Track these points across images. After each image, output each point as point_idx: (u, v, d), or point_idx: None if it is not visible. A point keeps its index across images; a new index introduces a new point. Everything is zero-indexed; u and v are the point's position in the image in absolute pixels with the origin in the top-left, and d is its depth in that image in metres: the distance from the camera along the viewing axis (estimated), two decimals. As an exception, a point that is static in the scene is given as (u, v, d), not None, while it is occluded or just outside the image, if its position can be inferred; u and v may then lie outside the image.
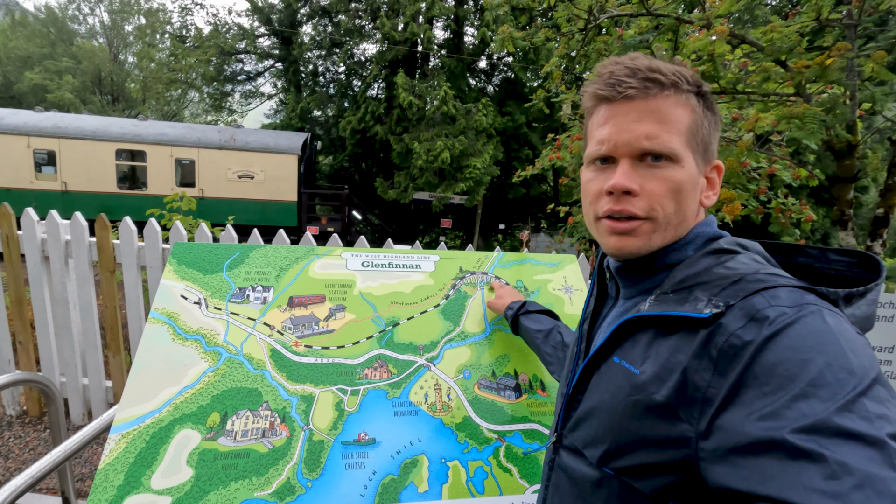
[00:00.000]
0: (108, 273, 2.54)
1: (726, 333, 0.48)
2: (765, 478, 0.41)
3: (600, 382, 0.62)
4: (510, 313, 1.29)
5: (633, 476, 0.55)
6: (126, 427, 1.06)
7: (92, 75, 20.90)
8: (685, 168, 0.60)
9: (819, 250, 0.60)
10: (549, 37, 3.22)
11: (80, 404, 2.70)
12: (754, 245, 0.62)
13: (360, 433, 1.13)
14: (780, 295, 0.48)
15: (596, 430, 0.60)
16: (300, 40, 16.38)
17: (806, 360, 0.42)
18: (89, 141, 10.21)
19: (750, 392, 0.44)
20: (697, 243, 0.63)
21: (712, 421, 0.46)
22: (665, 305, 0.56)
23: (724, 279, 0.54)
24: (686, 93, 0.60)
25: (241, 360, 1.19)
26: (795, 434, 0.40)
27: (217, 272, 1.34)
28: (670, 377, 0.51)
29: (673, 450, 0.50)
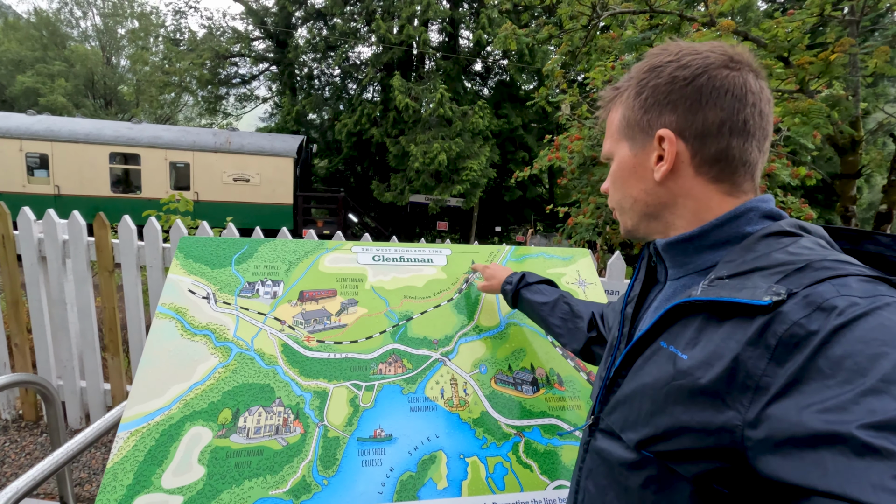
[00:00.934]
0: (106, 273, 2.49)
1: (788, 322, 0.45)
2: (825, 472, 0.38)
3: (644, 366, 0.60)
4: (509, 288, 1.24)
5: (673, 460, 0.53)
6: (135, 424, 1.02)
7: (85, 79, 20.77)
8: (617, 160, 0.70)
9: (891, 238, 0.57)
10: (552, 33, 3.21)
11: (78, 407, 2.65)
12: (818, 229, 0.58)
13: (375, 429, 1.10)
14: (850, 284, 0.45)
15: (637, 413, 0.58)
16: (295, 43, 16.36)
17: (878, 355, 0.39)
18: (82, 144, 10.12)
19: (812, 384, 0.42)
20: (752, 218, 0.60)
21: (764, 409, 0.44)
22: (720, 290, 0.53)
23: (786, 265, 0.50)
24: (621, 93, 0.68)
25: (253, 356, 1.16)
26: (864, 430, 0.37)
27: (225, 266, 1.31)
28: (718, 362, 0.49)
29: (716, 437, 0.48)
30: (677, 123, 0.61)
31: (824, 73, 2.46)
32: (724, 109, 0.59)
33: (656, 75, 0.63)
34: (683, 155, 0.61)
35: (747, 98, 0.59)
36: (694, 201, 0.63)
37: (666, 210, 0.65)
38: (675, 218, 0.65)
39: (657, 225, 0.67)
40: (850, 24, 2.74)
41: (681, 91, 0.60)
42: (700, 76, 0.59)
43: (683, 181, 0.62)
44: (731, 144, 0.60)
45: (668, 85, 0.61)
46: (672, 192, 0.64)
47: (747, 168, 0.61)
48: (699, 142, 0.60)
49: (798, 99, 2.56)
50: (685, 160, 0.61)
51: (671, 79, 0.61)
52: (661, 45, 0.67)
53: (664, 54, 0.63)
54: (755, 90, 0.60)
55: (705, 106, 0.59)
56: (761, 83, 0.61)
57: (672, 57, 0.62)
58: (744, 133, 0.59)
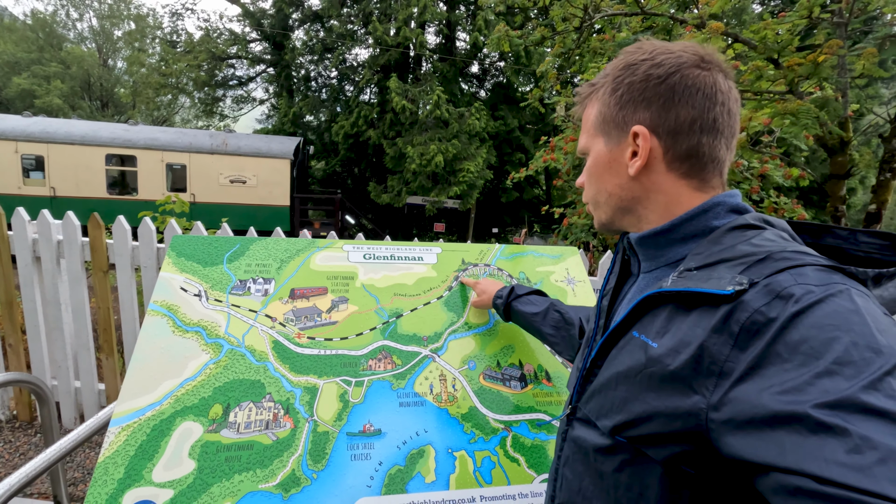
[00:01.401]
0: (101, 273, 2.50)
1: (749, 310, 0.47)
2: (783, 450, 0.40)
3: (618, 356, 0.62)
4: (500, 302, 1.27)
5: (644, 444, 0.56)
6: (126, 420, 1.03)
7: (81, 80, 20.74)
8: (592, 155, 0.71)
9: (849, 231, 0.59)
10: (544, 35, 3.23)
11: (72, 408, 2.65)
12: (781, 223, 0.61)
13: (365, 424, 1.11)
14: (806, 273, 0.47)
15: (612, 401, 0.61)
16: (292, 45, 16.38)
17: (832, 339, 0.42)
18: (78, 146, 10.11)
19: (771, 367, 0.44)
20: (719, 212, 0.62)
21: (727, 393, 0.46)
22: (688, 281, 0.55)
23: (749, 256, 0.53)
24: (597, 90, 0.70)
25: (243, 352, 1.17)
26: (818, 409, 0.39)
27: (217, 264, 1.33)
28: (685, 349, 0.51)
29: (682, 420, 0.50)
30: (651, 120, 0.63)
31: (813, 75, 2.49)
32: (695, 108, 0.61)
33: (631, 73, 0.64)
34: (656, 151, 0.63)
35: (717, 97, 0.61)
36: (665, 196, 0.65)
37: (639, 204, 0.67)
38: (648, 212, 0.67)
39: (630, 218, 0.69)
40: (838, 27, 2.78)
41: (655, 89, 0.62)
42: (673, 75, 0.61)
43: (656, 176, 0.65)
44: (701, 142, 0.62)
45: (642, 82, 0.63)
46: (645, 187, 0.66)
47: (716, 164, 0.64)
48: (671, 138, 0.62)
49: (788, 100, 2.59)
50: (658, 156, 0.63)
51: (645, 76, 0.63)
52: (636, 43, 0.68)
53: (638, 52, 0.65)
54: (724, 90, 0.62)
55: (678, 104, 0.61)
56: (730, 83, 0.63)
57: (646, 55, 0.64)
58: (713, 131, 0.62)
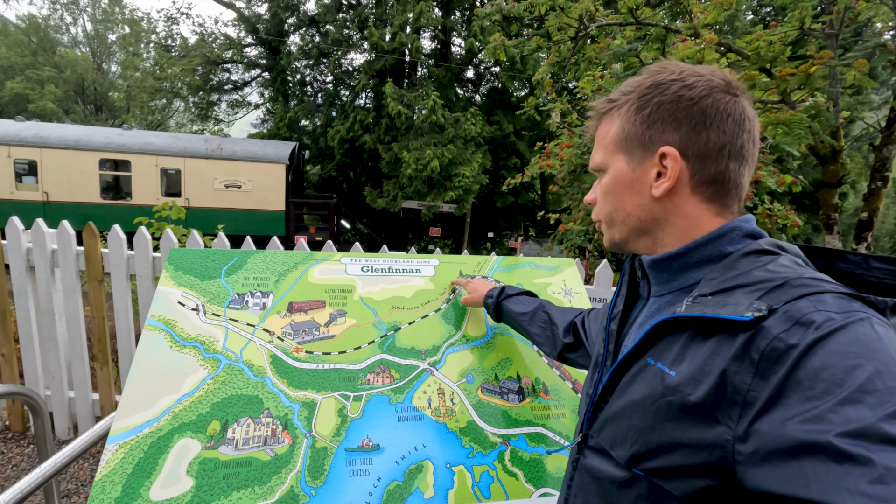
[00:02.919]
0: (95, 282, 2.48)
1: (769, 337, 0.47)
2: (807, 481, 0.40)
3: (632, 383, 0.61)
4: (490, 301, 1.29)
5: (663, 477, 0.54)
6: (123, 437, 1.03)
7: (75, 85, 20.64)
8: (610, 172, 0.69)
9: (861, 257, 0.60)
10: (540, 45, 3.26)
11: (66, 418, 2.63)
12: (794, 248, 0.61)
13: (363, 439, 1.11)
14: (826, 300, 0.47)
15: (626, 430, 0.59)
16: (287, 50, 16.38)
17: (854, 367, 0.42)
18: (72, 151, 10.06)
19: (793, 396, 0.44)
20: (734, 238, 0.62)
21: (752, 424, 0.46)
22: (704, 307, 0.54)
23: (766, 282, 0.52)
24: (618, 107, 0.68)
25: (241, 367, 1.17)
26: (841, 438, 0.39)
27: (215, 278, 1.32)
28: (706, 379, 0.50)
29: (707, 452, 0.49)
30: (680, 142, 0.62)
31: (805, 85, 2.52)
32: (725, 133, 0.61)
33: (660, 92, 0.63)
34: (683, 173, 0.62)
35: (745, 124, 0.61)
36: (685, 220, 0.64)
37: (657, 226, 0.66)
38: (665, 234, 0.66)
39: (646, 241, 0.68)
40: (829, 37, 2.81)
41: (686, 111, 0.61)
42: (705, 98, 0.61)
43: (679, 199, 0.64)
44: (728, 167, 0.62)
45: (673, 103, 0.62)
46: (666, 209, 0.65)
47: (738, 190, 0.64)
48: (700, 162, 0.62)
49: (781, 109, 2.62)
50: (684, 179, 0.63)
51: (676, 97, 0.62)
52: (659, 63, 0.67)
53: (666, 72, 0.64)
54: (751, 117, 0.62)
55: (709, 128, 0.61)
56: (753, 111, 0.64)
57: (675, 76, 0.63)
58: (740, 157, 0.62)
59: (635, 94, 0.65)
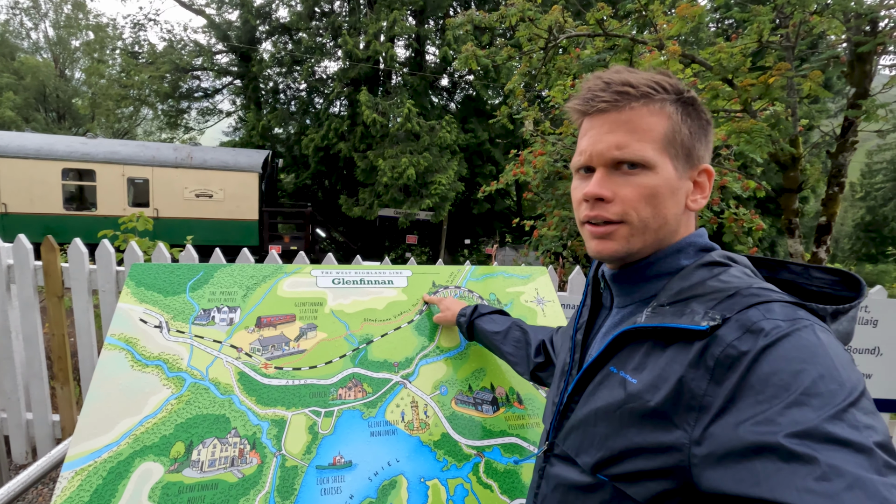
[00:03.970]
0: (55, 299, 2.38)
1: (723, 344, 0.49)
2: (757, 480, 0.42)
3: (596, 391, 0.63)
4: (463, 320, 1.27)
5: (626, 482, 0.56)
6: (80, 463, 0.98)
7: (36, 92, 19.91)
8: (660, 174, 0.62)
9: (803, 267, 0.63)
10: (511, 55, 3.30)
11: (24, 441, 2.50)
12: (743, 259, 0.64)
13: (335, 456, 1.09)
14: (774, 309, 0.50)
15: (592, 437, 0.61)
16: (259, 57, 16.17)
17: (799, 371, 0.44)
18: (32, 160, 9.67)
19: (746, 400, 0.46)
20: (689, 252, 0.64)
21: (707, 427, 0.48)
22: (662, 317, 0.57)
23: (719, 292, 0.55)
24: (661, 101, 0.62)
25: (207, 386, 1.13)
26: (789, 438, 0.41)
27: (179, 293, 1.28)
28: (664, 385, 0.52)
29: (666, 456, 0.51)
30: (707, 158, 0.67)
31: (765, 95, 2.62)
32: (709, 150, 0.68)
33: (697, 108, 0.65)
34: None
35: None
36: (687, 231, 0.67)
37: (669, 237, 0.65)
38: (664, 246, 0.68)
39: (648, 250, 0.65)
40: (786, 49, 2.93)
41: (707, 128, 0.66)
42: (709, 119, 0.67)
43: (691, 215, 0.67)
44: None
45: (708, 123, 0.67)
46: (684, 223, 0.67)
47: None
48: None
49: (743, 119, 2.71)
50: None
51: (707, 120, 0.67)
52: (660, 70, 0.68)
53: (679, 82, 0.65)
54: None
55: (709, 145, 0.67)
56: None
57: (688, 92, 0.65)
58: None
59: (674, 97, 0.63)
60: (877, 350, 2.32)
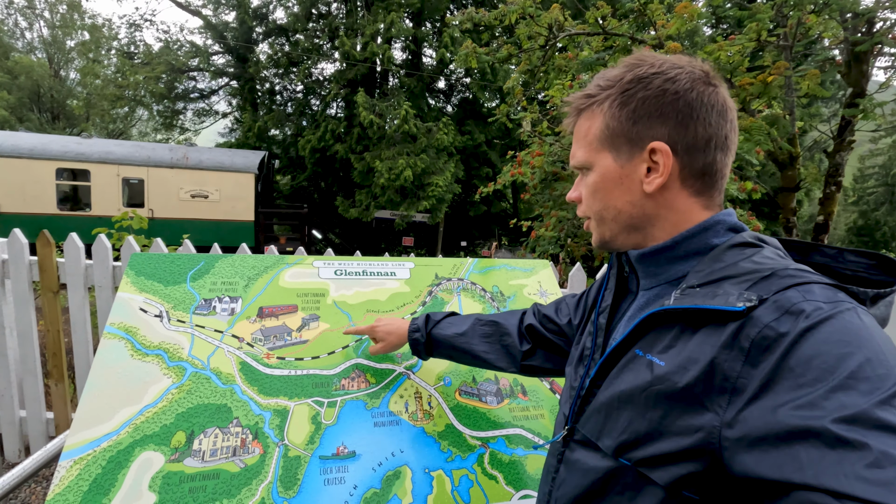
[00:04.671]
0: (50, 294, 2.35)
1: (759, 325, 0.48)
2: (800, 465, 0.40)
3: (620, 375, 0.61)
4: (419, 335, 1.10)
5: (650, 466, 0.54)
6: (79, 452, 0.96)
7: (30, 91, 19.78)
8: (597, 170, 0.67)
9: (837, 250, 0.61)
10: (511, 52, 3.31)
11: (17, 439, 2.46)
12: (773, 241, 0.62)
13: (338, 446, 1.08)
14: (814, 291, 0.48)
15: (614, 421, 0.60)
16: (256, 58, 16.15)
17: (845, 355, 0.42)
18: (26, 159, 9.59)
19: (784, 383, 0.44)
20: (719, 231, 0.62)
21: (741, 410, 0.46)
22: (693, 299, 0.55)
23: (754, 273, 0.53)
24: (597, 103, 0.66)
25: (209, 375, 1.12)
26: (836, 424, 0.40)
27: (180, 283, 1.26)
28: (694, 366, 0.51)
29: (693, 438, 0.50)
30: (669, 136, 0.61)
31: (763, 94, 2.63)
32: (711, 125, 0.61)
33: (643, 86, 0.62)
34: (673, 168, 0.62)
35: (727, 114, 0.62)
36: (676, 214, 0.64)
37: (648, 222, 0.65)
38: (656, 230, 0.65)
39: (637, 236, 0.67)
40: (783, 49, 2.95)
41: (672, 104, 0.61)
42: (689, 91, 0.61)
43: (669, 194, 0.63)
44: (716, 159, 0.62)
45: (658, 98, 0.61)
46: (658, 204, 0.64)
47: (723, 181, 0.65)
48: (688, 156, 0.62)
49: (741, 118, 2.72)
50: (674, 173, 0.62)
51: (661, 91, 0.61)
52: (638, 55, 0.67)
53: (646, 65, 0.63)
54: (731, 106, 0.63)
55: (696, 121, 0.60)
56: (731, 99, 0.64)
57: (656, 69, 0.62)
58: (725, 148, 0.63)
59: (616, 90, 0.64)
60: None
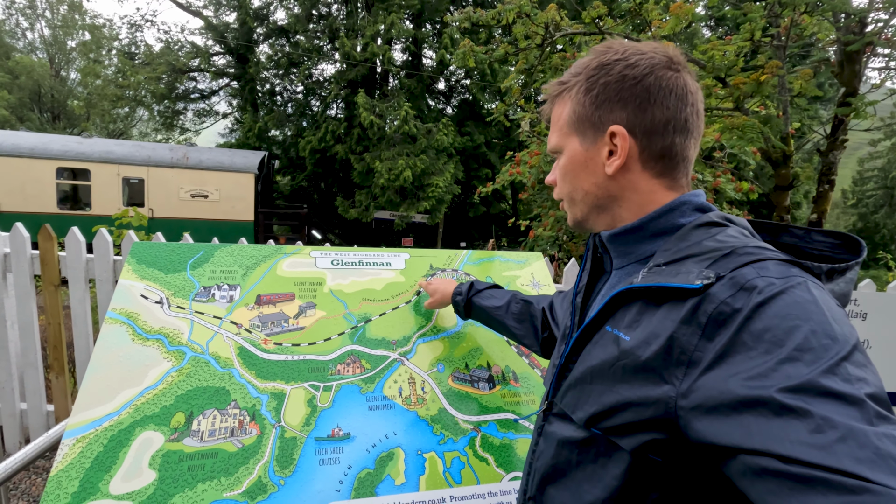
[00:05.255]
0: (52, 288, 2.38)
1: (716, 301, 0.50)
2: (750, 432, 0.43)
3: (592, 350, 0.65)
4: (460, 298, 1.24)
5: (617, 434, 0.58)
6: (81, 431, 0.99)
7: (30, 91, 19.85)
8: (566, 154, 0.72)
9: (804, 230, 0.64)
10: (508, 52, 3.34)
11: (17, 432, 2.49)
12: (742, 221, 0.64)
13: (333, 428, 1.10)
14: (768, 267, 0.51)
15: (587, 394, 0.63)
16: (256, 59, 16.20)
17: (793, 328, 0.45)
18: (26, 159, 9.62)
19: (737, 356, 0.47)
20: (685, 211, 0.65)
21: (695, 381, 0.49)
22: (657, 276, 0.58)
23: (715, 251, 0.56)
24: (567, 90, 0.70)
25: (207, 359, 1.15)
26: (782, 393, 0.42)
27: (180, 271, 1.30)
28: (656, 341, 0.54)
29: (654, 408, 0.53)
30: (628, 120, 0.64)
31: (756, 93, 2.66)
32: (669, 109, 0.63)
33: (606, 73, 0.65)
34: (633, 150, 0.65)
35: (688, 98, 0.64)
36: (639, 195, 0.67)
37: (614, 203, 0.68)
38: (622, 210, 0.68)
39: (605, 217, 0.71)
40: (778, 49, 2.99)
41: (631, 89, 0.63)
42: (648, 76, 0.63)
43: (631, 175, 0.66)
44: (674, 141, 0.64)
45: (618, 83, 0.64)
46: (621, 186, 0.67)
47: (686, 164, 0.67)
48: (647, 138, 0.64)
49: (735, 116, 2.76)
50: (634, 155, 0.65)
51: (621, 77, 0.64)
52: (606, 43, 0.69)
53: (610, 52, 0.66)
54: (693, 90, 0.65)
55: (653, 105, 0.63)
56: (696, 83, 0.66)
57: (619, 55, 0.65)
58: (685, 131, 0.65)
59: (583, 76, 0.67)
60: (866, 343, 2.35)
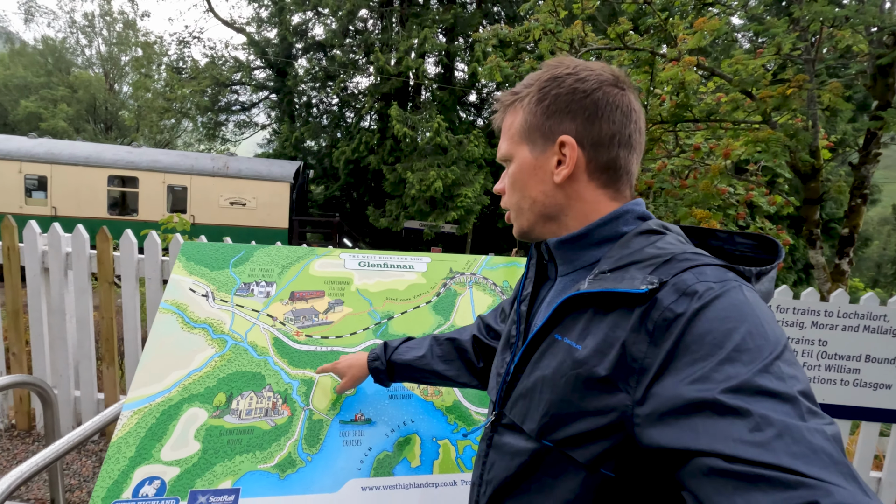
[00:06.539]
0: (106, 284, 2.60)
1: (661, 307, 0.52)
2: (697, 434, 0.45)
3: (542, 359, 0.65)
4: (379, 363, 1.11)
5: (570, 446, 0.58)
6: (137, 405, 1.13)
7: (87, 104, 21.19)
8: (515, 162, 0.73)
9: (727, 234, 0.69)
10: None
11: (70, 417, 2.70)
12: (675, 228, 0.68)
13: (356, 413, 1.21)
14: (706, 272, 0.53)
15: (537, 404, 0.63)
16: (295, 73, 16.84)
17: (730, 330, 0.47)
18: (82, 167, 10.29)
19: (682, 359, 0.49)
20: (628, 219, 0.68)
21: (648, 388, 0.51)
22: (604, 283, 0.59)
23: (656, 258, 0.58)
24: (520, 100, 0.71)
25: (246, 347, 1.27)
26: (724, 394, 0.44)
27: (223, 268, 1.44)
28: (610, 351, 0.55)
29: (609, 417, 0.54)
30: (577, 131, 0.66)
31: (783, 106, 2.67)
32: (615, 123, 0.66)
33: (558, 85, 0.67)
34: (580, 161, 0.67)
35: (632, 115, 0.67)
36: (585, 204, 0.69)
37: (561, 212, 0.70)
38: (569, 219, 0.70)
39: (552, 226, 0.72)
40: (807, 63, 2.98)
41: (580, 102, 0.66)
42: (596, 90, 0.66)
43: (578, 185, 0.68)
44: (619, 155, 0.67)
45: (568, 95, 0.66)
46: (567, 195, 0.69)
47: (629, 176, 0.70)
48: (594, 150, 0.66)
49: (761, 129, 2.76)
50: (581, 166, 0.67)
51: (572, 90, 0.66)
52: (558, 58, 0.74)
53: (562, 66, 0.69)
54: (637, 109, 0.68)
55: (601, 118, 0.66)
56: (639, 104, 0.71)
57: (570, 70, 0.68)
58: (629, 146, 0.68)
59: (535, 87, 0.69)
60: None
